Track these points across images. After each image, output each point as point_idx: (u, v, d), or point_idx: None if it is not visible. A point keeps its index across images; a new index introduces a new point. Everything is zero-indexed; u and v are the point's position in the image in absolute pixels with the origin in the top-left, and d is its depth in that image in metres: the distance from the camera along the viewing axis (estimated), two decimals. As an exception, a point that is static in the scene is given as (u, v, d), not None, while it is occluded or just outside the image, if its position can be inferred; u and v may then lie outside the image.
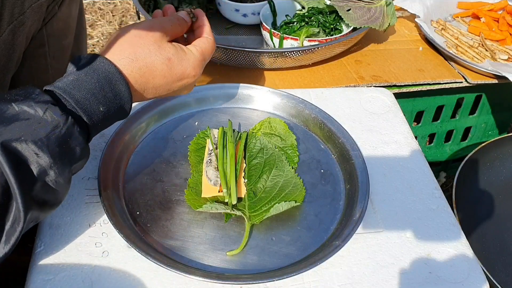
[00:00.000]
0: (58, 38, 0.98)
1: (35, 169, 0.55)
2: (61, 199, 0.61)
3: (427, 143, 1.40)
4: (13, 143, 0.53)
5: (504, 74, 1.18)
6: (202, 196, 0.75)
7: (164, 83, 0.70)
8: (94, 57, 0.64)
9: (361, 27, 1.20)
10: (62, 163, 0.58)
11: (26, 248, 0.70)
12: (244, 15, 1.31)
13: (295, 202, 0.75)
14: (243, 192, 0.76)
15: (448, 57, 1.27)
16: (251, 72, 1.14)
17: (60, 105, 0.59)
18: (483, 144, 1.18)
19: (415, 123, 1.32)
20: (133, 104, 0.79)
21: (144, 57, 0.66)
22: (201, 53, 0.73)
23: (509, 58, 1.28)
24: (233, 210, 0.73)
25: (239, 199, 0.75)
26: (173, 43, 0.70)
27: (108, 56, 0.65)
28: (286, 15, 1.30)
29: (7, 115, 0.55)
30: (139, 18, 1.36)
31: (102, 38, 1.97)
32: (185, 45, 0.73)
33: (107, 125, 0.66)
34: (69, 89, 0.61)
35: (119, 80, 0.64)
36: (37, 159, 0.55)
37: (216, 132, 0.84)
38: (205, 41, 0.74)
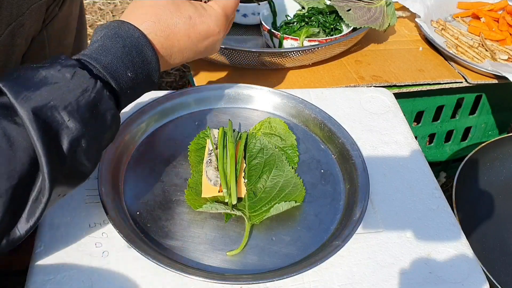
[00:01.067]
0: (59, 39, 0.98)
1: (65, 138, 0.54)
2: (89, 172, 0.59)
3: (427, 143, 1.40)
4: (43, 109, 0.52)
5: (504, 74, 1.18)
6: (202, 196, 0.75)
7: (190, 44, 0.68)
8: (117, 24, 0.63)
9: (361, 27, 1.20)
10: (93, 131, 0.56)
11: (26, 248, 0.70)
12: (244, 15, 1.31)
13: (295, 202, 0.75)
14: (243, 192, 0.76)
15: (448, 57, 1.27)
16: (251, 72, 1.14)
17: (87, 70, 0.58)
18: (483, 144, 1.18)
19: (415, 123, 1.32)
20: (133, 104, 0.78)
21: (166, 19, 0.65)
22: (222, 8, 0.71)
23: (509, 58, 1.28)
24: (233, 210, 0.73)
25: (239, 199, 0.75)
26: (191, 1, 0.69)
27: (131, 21, 0.64)
28: (286, 15, 1.30)
29: (35, 80, 0.54)
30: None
31: (102, 38, 1.96)
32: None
33: (136, 94, 0.65)
34: (95, 55, 0.60)
35: (145, 44, 0.63)
36: (67, 126, 0.54)
37: (216, 132, 0.84)
38: None
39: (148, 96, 0.89)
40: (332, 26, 1.23)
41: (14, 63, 0.86)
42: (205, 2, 0.75)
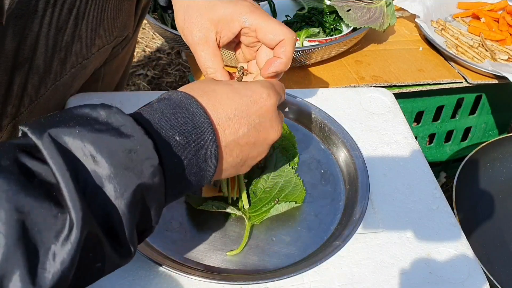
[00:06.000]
0: (113, 74, 0.96)
1: (91, 177, 0.45)
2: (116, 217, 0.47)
3: (427, 143, 1.40)
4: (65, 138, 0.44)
5: (504, 74, 1.18)
6: (202, 196, 0.75)
7: (236, 108, 0.57)
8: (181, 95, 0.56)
9: (361, 27, 1.20)
10: (124, 176, 0.46)
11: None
12: (244, 15, 1.31)
13: (295, 203, 0.75)
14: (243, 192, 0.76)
15: (448, 57, 1.27)
16: (251, 72, 1.14)
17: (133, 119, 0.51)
18: (483, 144, 1.18)
19: (415, 123, 1.32)
20: (135, 104, 0.77)
21: (199, 85, 0.59)
22: (265, 80, 0.64)
23: (509, 58, 1.29)
24: (233, 210, 0.73)
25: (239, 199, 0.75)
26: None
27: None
28: (286, 15, 1.30)
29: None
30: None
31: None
32: None
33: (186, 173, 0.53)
34: (145, 114, 0.54)
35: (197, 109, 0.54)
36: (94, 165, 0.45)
37: (216, 132, 0.84)
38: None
39: (149, 96, 0.89)
40: (332, 26, 1.24)
41: (68, 100, 0.85)
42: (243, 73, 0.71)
